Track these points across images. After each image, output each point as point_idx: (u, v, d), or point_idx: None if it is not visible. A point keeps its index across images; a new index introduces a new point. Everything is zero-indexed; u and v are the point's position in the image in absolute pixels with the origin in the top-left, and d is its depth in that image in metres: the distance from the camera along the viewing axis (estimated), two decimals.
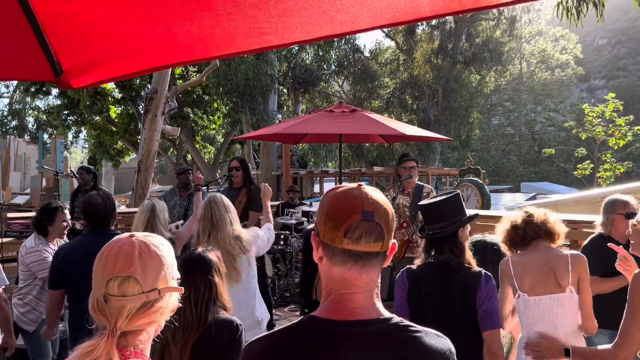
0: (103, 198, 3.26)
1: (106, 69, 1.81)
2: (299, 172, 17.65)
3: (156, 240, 1.35)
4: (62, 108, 20.57)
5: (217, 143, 28.32)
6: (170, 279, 1.33)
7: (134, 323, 1.26)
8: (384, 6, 1.52)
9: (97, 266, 1.30)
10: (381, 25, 1.62)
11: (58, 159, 13.83)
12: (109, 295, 1.24)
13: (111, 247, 1.31)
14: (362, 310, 1.17)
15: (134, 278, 1.25)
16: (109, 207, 3.23)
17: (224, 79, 18.12)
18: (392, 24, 1.59)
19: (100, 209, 3.20)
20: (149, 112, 10.30)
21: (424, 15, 1.56)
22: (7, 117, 38.43)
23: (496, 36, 25.10)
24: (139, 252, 1.28)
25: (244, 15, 1.55)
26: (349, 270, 1.15)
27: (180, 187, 6.50)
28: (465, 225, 2.64)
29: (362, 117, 6.99)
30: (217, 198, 3.57)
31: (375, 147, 24.72)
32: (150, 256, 1.29)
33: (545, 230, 2.80)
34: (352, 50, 23.83)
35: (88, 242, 3.14)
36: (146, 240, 1.32)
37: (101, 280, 1.26)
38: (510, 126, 40.33)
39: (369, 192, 1.18)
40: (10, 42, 1.68)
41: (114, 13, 1.57)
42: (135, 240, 1.31)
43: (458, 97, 24.41)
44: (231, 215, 3.54)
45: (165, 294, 1.30)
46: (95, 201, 3.22)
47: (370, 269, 1.17)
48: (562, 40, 38.50)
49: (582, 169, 19.07)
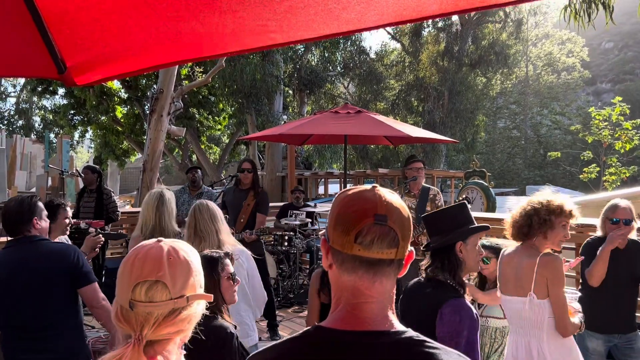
0: (17, 201, 2.93)
1: (110, 66, 1.80)
2: (303, 173, 17.65)
3: (185, 246, 1.30)
4: (68, 108, 20.66)
5: (222, 144, 28.36)
6: (198, 286, 1.28)
7: (161, 331, 1.20)
8: (391, 4, 1.50)
9: (122, 271, 1.24)
10: (387, 24, 1.60)
11: (64, 159, 13.88)
12: (135, 301, 1.19)
13: (138, 251, 1.25)
14: (373, 321, 1.07)
15: (163, 283, 1.20)
16: (24, 210, 2.86)
17: (230, 80, 18.16)
18: (398, 22, 1.57)
19: (14, 215, 2.86)
20: (155, 112, 10.31)
21: (431, 13, 1.54)
22: (14, 116, 38.64)
23: (502, 39, 25.03)
24: (167, 256, 1.23)
25: (249, 13, 1.54)
26: (360, 278, 1.06)
27: (190, 186, 6.56)
28: (464, 239, 2.35)
29: (368, 119, 6.96)
30: (202, 206, 3.35)
31: (380, 148, 24.70)
32: (180, 261, 1.24)
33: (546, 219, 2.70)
34: (357, 51, 23.82)
35: (9, 254, 2.87)
36: (175, 245, 1.28)
37: (127, 286, 1.20)
38: (516, 129, 40.22)
39: (383, 194, 1.09)
40: (14, 38, 1.67)
41: (119, 10, 1.56)
42: (163, 245, 1.26)
43: (464, 99, 24.35)
44: (218, 225, 3.32)
45: (193, 302, 1.25)
46: (8, 206, 2.90)
47: (384, 277, 1.07)
48: (568, 43, 38.38)
49: (588, 172, 18.97)
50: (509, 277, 2.77)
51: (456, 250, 2.34)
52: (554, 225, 2.67)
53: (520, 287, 2.69)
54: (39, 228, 2.89)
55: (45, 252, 2.83)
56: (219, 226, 3.31)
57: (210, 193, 6.56)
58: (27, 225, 2.84)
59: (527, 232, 2.73)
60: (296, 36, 1.67)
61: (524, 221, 2.74)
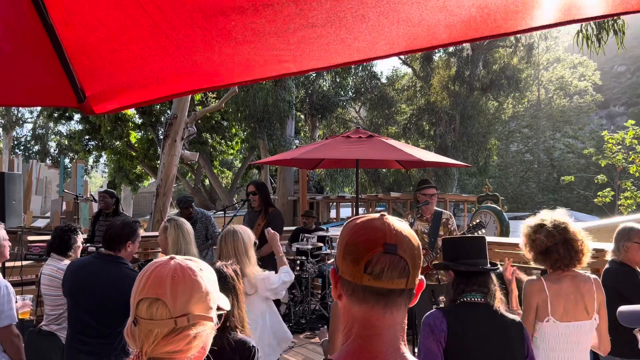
0: (122, 222, 3.36)
1: (128, 95, 1.84)
2: (315, 197, 17.69)
3: (195, 265, 1.29)
4: (83, 133, 20.99)
5: (234, 168, 28.55)
6: (207, 307, 1.26)
7: (160, 349, 1.19)
8: (401, 33, 1.53)
9: (134, 287, 1.26)
10: (398, 52, 1.63)
11: (78, 183, 14.04)
12: (138, 317, 1.20)
13: (148, 268, 1.26)
14: (384, 355, 1.04)
15: (162, 301, 1.20)
16: (125, 232, 3.30)
17: (243, 105, 18.38)
18: (409, 50, 1.60)
19: (115, 232, 3.29)
20: (169, 138, 10.46)
21: (441, 42, 1.57)
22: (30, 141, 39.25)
23: (513, 63, 25.12)
24: (172, 274, 1.23)
25: (263, 43, 1.58)
26: (371, 309, 1.04)
27: (184, 216, 6.30)
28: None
29: (379, 143, 6.99)
30: (228, 235, 3.38)
31: (391, 172, 24.71)
32: (184, 280, 1.23)
33: (578, 256, 2.75)
34: (369, 76, 24.03)
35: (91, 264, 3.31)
36: (183, 263, 1.27)
37: (133, 302, 1.23)
38: (529, 153, 40.03)
39: (392, 223, 1.07)
40: (36, 69, 1.73)
41: (137, 40, 1.60)
42: (172, 263, 1.26)
43: (475, 123, 24.37)
44: (240, 256, 3.32)
45: (198, 322, 1.23)
46: (114, 223, 3.34)
47: (395, 308, 1.05)
48: (580, 67, 38.37)
49: (602, 196, 18.78)
50: (568, 302, 2.73)
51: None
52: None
53: (584, 311, 2.72)
54: (129, 250, 3.30)
55: (118, 276, 3.16)
56: (241, 258, 3.31)
57: (204, 217, 6.44)
58: (122, 244, 3.26)
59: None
60: (309, 65, 1.70)
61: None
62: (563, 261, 2.73)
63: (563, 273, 2.76)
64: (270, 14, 1.45)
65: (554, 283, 2.75)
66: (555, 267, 2.77)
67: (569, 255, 2.72)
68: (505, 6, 1.43)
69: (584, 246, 2.75)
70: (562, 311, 2.72)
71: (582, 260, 2.75)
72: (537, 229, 2.80)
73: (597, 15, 1.48)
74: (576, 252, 2.72)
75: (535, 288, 2.75)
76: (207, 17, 1.46)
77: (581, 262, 2.76)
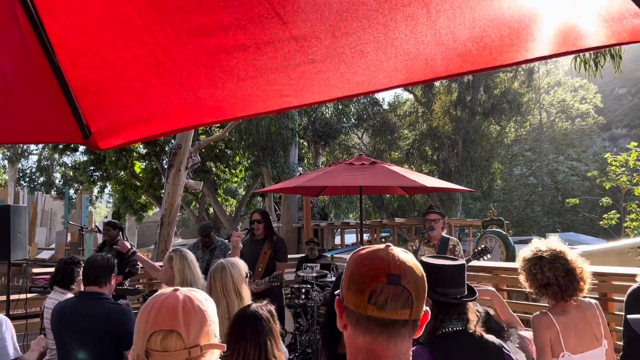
0: (103, 257, 3.40)
1: (133, 131, 1.88)
2: (319, 223, 17.65)
3: (200, 295, 1.32)
4: (88, 164, 21.12)
5: (238, 196, 28.59)
6: (212, 335, 1.29)
7: None
8: (400, 67, 1.57)
9: (139, 320, 1.26)
10: (397, 85, 1.67)
11: (83, 214, 14.08)
12: (150, 350, 1.21)
13: (155, 300, 1.28)
14: None
15: (177, 332, 1.22)
16: (108, 265, 3.33)
17: (246, 134, 18.51)
18: (407, 83, 1.64)
19: (98, 267, 3.30)
20: (173, 167, 10.52)
21: (439, 75, 1.61)
22: (36, 173, 39.47)
23: (514, 87, 25.28)
24: (182, 305, 1.25)
25: (265, 79, 1.62)
26: (375, 340, 1.04)
27: (203, 243, 6.41)
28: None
29: (382, 169, 7.02)
30: (217, 274, 3.18)
31: (396, 198, 24.68)
32: (194, 311, 1.26)
33: (580, 285, 2.70)
34: (371, 103, 24.22)
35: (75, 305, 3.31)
36: (190, 294, 1.30)
37: (143, 335, 1.23)
38: (533, 176, 39.96)
39: (396, 254, 1.08)
40: (42, 107, 1.77)
41: (142, 79, 1.65)
42: (179, 294, 1.28)
43: (478, 147, 24.42)
44: (230, 295, 3.11)
45: (207, 351, 1.26)
46: (95, 258, 3.37)
47: (399, 339, 1.05)
48: (581, 90, 38.58)
49: (608, 219, 18.68)
50: (578, 333, 2.66)
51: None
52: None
53: (594, 339, 2.68)
54: (112, 284, 3.29)
55: (103, 312, 3.14)
56: (230, 296, 3.09)
57: (224, 246, 6.47)
58: (107, 278, 3.24)
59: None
60: (310, 99, 1.74)
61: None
62: (566, 292, 2.67)
63: (566, 303, 2.70)
64: (271, 51, 1.49)
65: (561, 315, 2.67)
66: (558, 298, 2.70)
67: (572, 286, 2.67)
68: (500, 39, 1.46)
69: (584, 274, 2.70)
70: (574, 343, 2.64)
71: (583, 288, 2.70)
72: (535, 262, 2.73)
73: (590, 47, 1.51)
74: (577, 281, 2.67)
75: (544, 324, 2.65)
76: (210, 56, 1.51)
77: (583, 291, 2.70)
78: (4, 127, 1.84)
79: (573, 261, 2.71)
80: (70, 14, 1.41)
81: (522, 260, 2.84)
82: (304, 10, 1.33)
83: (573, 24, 1.42)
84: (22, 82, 1.66)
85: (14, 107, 1.74)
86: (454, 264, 2.47)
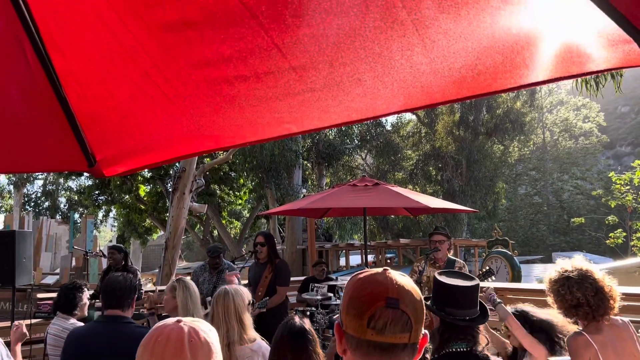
0: (123, 276, 3.12)
1: (137, 159, 1.92)
2: (324, 245, 17.62)
3: (204, 326, 1.29)
4: (93, 188, 21.23)
5: (243, 218, 28.58)
6: None
7: None
8: (397, 94, 1.61)
9: (142, 353, 1.23)
10: (394, 112, 1.71)
11: (88, 239, 14.12)
12: None
13: (158, 333, 1.24)
14: None
15: None
16: (129, 287, 3.06)
17: (250, 156, 18.61)
18: (404, 110, 1.68)
19: (119, 289, 3.03)
20: (177, 190, 10.56)
21: (436, 101, 1.64)
22: (41, 198, 39.63)
23: (517, 107, 25.37)
24: (189, 338, 1.21)
25: (265, 107, 1.66)
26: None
27: (211, 265, 6.36)
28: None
29: (385, 191, 7.04)
30: (219, 299, 3.13)
31: (400, 218, 24.63)
32: (200, 343, 1.22)
33: (610, 304, 2.63)
34: (374, 124, 24.33)
35: (99, 328, 3.06)
36: (194, 325, 1.26)
37: None
38: (538, 195, 39.88)
39: (394, 278, 1.08)
40: (49, 136, 1.81)
41: (146, 108, 1.69)
42: (184, 326, 1.24)
43: (482, 167, 24.44)
44: (231, 322, 3.06)
45: None
46: (115, 278, 3.07)
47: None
48: (583, 109, 38.73)
49: (614, 237, 18.57)
50: (616, 351, 2.60)
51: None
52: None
53: (633, 357, 2.62)
54: (133, 307, 3.06)
55: (132, 336, 2.88)
56: (231, 322, 3.03)
57: (231, 268, 6.46)
58: (130, 299, 3.00)
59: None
60: (310, 126, 1.78)
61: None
62: (598, 312, 2.59)
63: (599, 323, 2.61)
64: (271, 80, 1.53)
65: (596, 334, 2.59)
66: (589, 318, 2.62)
67: (603, 305, 2.59)
68: (494, 67, 1.50)
69: (613, 292, 2.63)
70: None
71: (614, 307, 2.62)
72: (563, 283, 2.67)
73: (583, 73, 1.55)
74: (607, 299, 2.60)
75: (581, 344, 2.56)
76: (212, 86, 1.55)
77: (613, 309, 2.62)
78: (13, 156, 1.89)
79: (601, 280, 2.64)
80: (76, 48, 1.46)
81: (549, 282, 2.77)
82: (302, 42, 1.37)
83: (564, 51, 1.46)
84: (30, 113, 1.71)
85: (22, 137, 1.78)
86: (466, 284, 2.47)
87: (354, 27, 1.34)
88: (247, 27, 1.33)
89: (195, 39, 1.38)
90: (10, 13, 1.36)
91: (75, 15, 1.33)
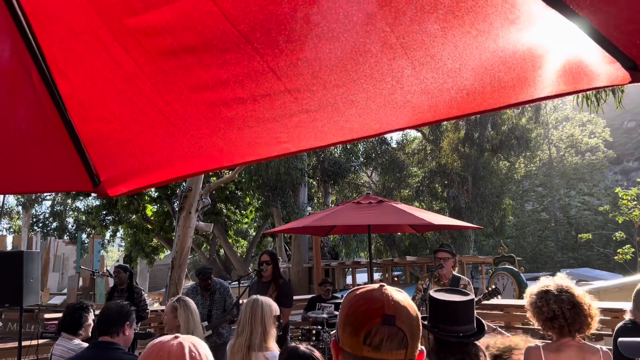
0: (117, 305, 3.22)
1: (140, 179, 1.98)
2: (330, 263, 17.56)
3: (200, 342, 1.30)
4: (100, 208, 21.36)
5: (249, 237, 28.58)
6: None
7: None
8: (389, 115, 1.66)
9: None
10: (388, 131, 1.76)
11: (95, 259, 14.17)
12: None
13: (159, 349, 1.24)
14: None
15: None
16: (123, 313, 3.14)
17: (256, 175, 18.70)
18: (397, 129, 1.73)
19: (112, 315, 3.11)
20: (184, 210, 10.63)
21: (427, 120, 1.69)
22: (49, 218, 39.82)
23: (522, 123, 25.38)
24: (190, 354, 1.22)
25: (263, 128, 1.72)
26: None
27: (202, 287, 6.13)
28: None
29: (390, 208, 7.06)
30: (247, 307, 3.20)
31: (407, 236, 24.55)
32: (200, 357, 1.24)
33: (587, 320, 2.62)
34: (379, 142, 24.40)
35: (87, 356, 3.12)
36: (193, 341, 1.28)
37: None
38: (545, 211, 39.63)
39: (390, 294, 1.08)
40: (54, 158, 1.88)
41: (148, 130, 1.75)
42: (183, 342, 1.26)
43: (488, 184, 24.38)
44: (255, 326, 3.15)
45: None
46: (109, 306, 3.21)
47: None
48: (589, 124, 38.65)
49: (622, 253, 18.43)
50: None
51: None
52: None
53: None
54: (127, 335, 3.09)
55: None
56: (255, 327, 3.11)
57: (223, 288, 6.15)
58: (120, 327, 3.04)
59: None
60: (307, 145, 1.83)
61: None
62: (573, 326, 2.58)
63: (569, 342, 2.60)
64: (268, 102, 1.60)
65: (552, 352, 2.59)
66: (564, 332, 2.61)
67: (579, 319, 2.58)
68: (482, 87, 1.55)
69: (592, 310, 2.62)
70: None
71: (591, 324, 2.61)
72: (541, 296, 2.69)
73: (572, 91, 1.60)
74: (585, 316, 2.59)
75: (531, 356, 2.58)
76: (210, 108, 1.61)
77: (590, 327, 2.62)
78: (20, 177, 1.95)
79: (580, 296, 2.64)
80: (80, 73, 1.53)
81: (529, 295, 2.80)
82: (296, 65, 1.43)
83: (551, 71, 1.51)
84: (35, 136, 1.78)
85: (28, 159, 1.85)
86: (459, 300, 2.43)
87: (346, 51, 1.40)
88: (243, 53, 1.39)
89: (193, 64, 1.45)
90: (18, 42, 1.43)
91: (79, 44, 1.40)
